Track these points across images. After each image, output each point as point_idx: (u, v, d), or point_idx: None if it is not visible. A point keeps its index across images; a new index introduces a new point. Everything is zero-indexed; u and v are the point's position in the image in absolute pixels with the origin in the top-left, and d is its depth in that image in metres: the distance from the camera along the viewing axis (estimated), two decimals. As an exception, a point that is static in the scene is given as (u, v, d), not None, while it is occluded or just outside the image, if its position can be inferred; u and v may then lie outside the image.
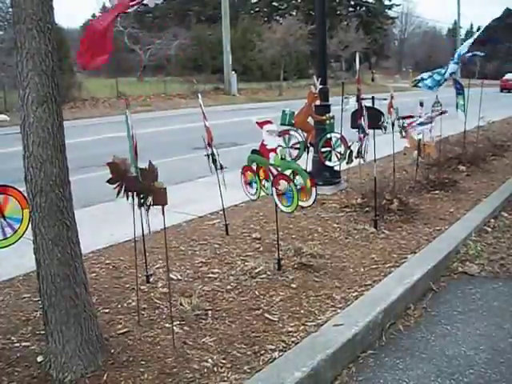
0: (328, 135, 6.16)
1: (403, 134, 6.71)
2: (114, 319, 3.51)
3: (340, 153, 6.16)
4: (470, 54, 8.35)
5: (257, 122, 4.12)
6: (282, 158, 4.29)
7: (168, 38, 39.28)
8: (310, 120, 6.17)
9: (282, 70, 35.65)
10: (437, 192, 6.79)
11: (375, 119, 5.80)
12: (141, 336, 3.28)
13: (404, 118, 6.56)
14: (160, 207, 3.10)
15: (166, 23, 46.99)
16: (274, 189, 4.17)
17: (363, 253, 4.73)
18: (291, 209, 4.20)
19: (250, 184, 4.57)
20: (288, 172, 4.24)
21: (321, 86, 6.19)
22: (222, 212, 5.44)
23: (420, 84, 8.12)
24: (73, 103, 24.10)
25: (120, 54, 43.47)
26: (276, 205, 4.26)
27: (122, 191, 3.21)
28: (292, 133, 6.12)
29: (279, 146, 4.30)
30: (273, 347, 3.16)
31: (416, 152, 6.82)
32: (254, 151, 4.41)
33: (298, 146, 6.12)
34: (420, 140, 6.70)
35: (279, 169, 4.18)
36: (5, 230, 2.98)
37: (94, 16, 58.38)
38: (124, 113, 3.19)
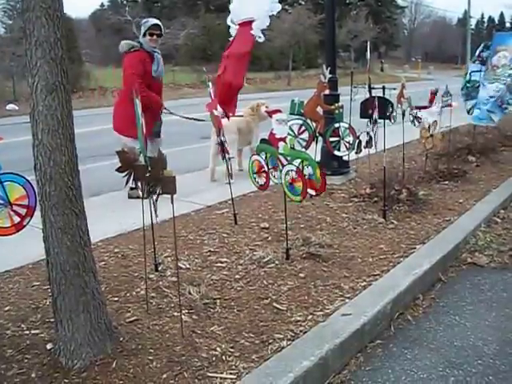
0: (336, 124, 6.12)
1: (415, 123, 6.70)
2: (123, 307, 3.52)
3: (349, 142, 6.13)
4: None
5: (266, 111, 4.12)
6: (291, 148, 4.28)
7: (176, 27, 39.16)
8: (319, 109, 6.14)
9: (290, 60, 35.51)
10: (446, 182, 6.77)
11: (384, 109, 5.77)
12: (149, 324, 3.30)
13: (420, 108, 6.57)
14: (168, 196, 3.10)
15: (174, 13, 46.88)
16: (283, 178, 4.17)
17: (372, 243, 4.72)
18: (300, 198, 4.19)
19: (257, 173, 4.55)
20: (297, 161, 4.23)
21: (330, 76, 6.15)
22: (230, 201, 5.44)
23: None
24: (81, 93, 24.16)
25: (128, 44, 43.43)
26: (285, 194, 4.25)
27: (131, 180, 3.22)
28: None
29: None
30: (281, 336, 3.16)
31: (429, 141, 6.77)
32: (263, 140, 4.40)
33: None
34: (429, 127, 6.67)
35: (288, 158, 4.17)
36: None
37: (102, 5, 58.48)
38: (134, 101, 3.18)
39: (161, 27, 6.13)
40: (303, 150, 5.76)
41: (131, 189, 5.82)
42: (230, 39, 5.48)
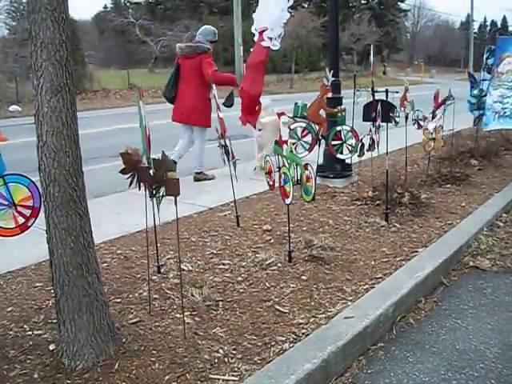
0: (337, 128, 6.13)
1: (418, 126, 6.73)
2: (126, 309, 3.53)
3: (351, 145, 6.14)
4: None
5: (277, 113, 4.19)
6: (290, 151, 4.34)
7: (180, 29, 39.22)
8: (322, 112, 6.15)
9: (293, 63, 35.52)
10: (448, 186, 6.76)
11: (387, 112, 5.77)
12: (152, 326, 3.30)
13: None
14: (171, 198, 3.10)
15: (177, 15, 46.97)
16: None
17: (374, 246, 4.72)
18: (288, 200, 4.24)
19: (270, 174, 4.68)
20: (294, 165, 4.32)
21: (333, 79, 6.17)
22: (232, 204, 5.44)
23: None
24: (84, 94, 24.19)
25: (131, 46, 43.59)
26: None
27: (135, 182, 3.22)
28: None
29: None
30: (283, 339, 3.16)
31: (431, 145, 6.78)
32: (277, 142, 4.46)
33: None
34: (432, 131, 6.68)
35: (289, 161, 4.23)
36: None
37: (105, 8, 58.56)
38: (137, 103, 3.19)
39: None
40: (306, 152, 5.81)
41: (197, 173, 7.35)
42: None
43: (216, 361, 2.94)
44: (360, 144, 6.02)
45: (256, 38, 4.70)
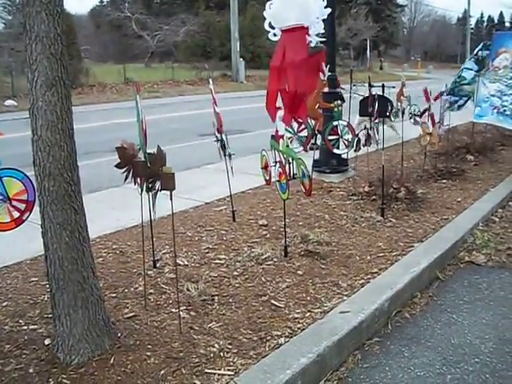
0: (334, 123, 6.13)
1: (415, 121, 6.74)
2: (121, 303, 3.52)
3: (348, 140, 6.13)
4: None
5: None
6: (286, 146, 4.34)
7: (176, 24, 39.11)
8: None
9: (290, 58, 35.42)
10: (444, 181, 6.78)
11: (383, 108, 5.77)
12: (147, 320, 3.30)
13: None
14: (167, 192, 3.10)
15: (173, 9, 46.80)
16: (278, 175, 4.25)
17: (370, 241, 4.72)
18: (285, 196, 4.24)
19: (265, 169, 4.69)
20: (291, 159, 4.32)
21: (329, 74, 6.15)
22: (228, 198, 5.44)
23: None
24: (80, 89, 24.06)
25: (127, 40, 43.44)
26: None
27: (130, 176, 3.22)
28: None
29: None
30: (279, 333, 3.16)
31: (427, 139, 6.79)
32: (272, 136, 4.46)
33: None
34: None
35: (285, 155, 4.23)
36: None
37: (101, 2, 58.35)
38: (134, 98, 3.18)
39: None
40: (300, 148, 5.80)
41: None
42: (278, 47, 5.39)
43: (211, 355, 2.94)
44: (356, 139, 6.01)
45: (272, 35, 4.61)
